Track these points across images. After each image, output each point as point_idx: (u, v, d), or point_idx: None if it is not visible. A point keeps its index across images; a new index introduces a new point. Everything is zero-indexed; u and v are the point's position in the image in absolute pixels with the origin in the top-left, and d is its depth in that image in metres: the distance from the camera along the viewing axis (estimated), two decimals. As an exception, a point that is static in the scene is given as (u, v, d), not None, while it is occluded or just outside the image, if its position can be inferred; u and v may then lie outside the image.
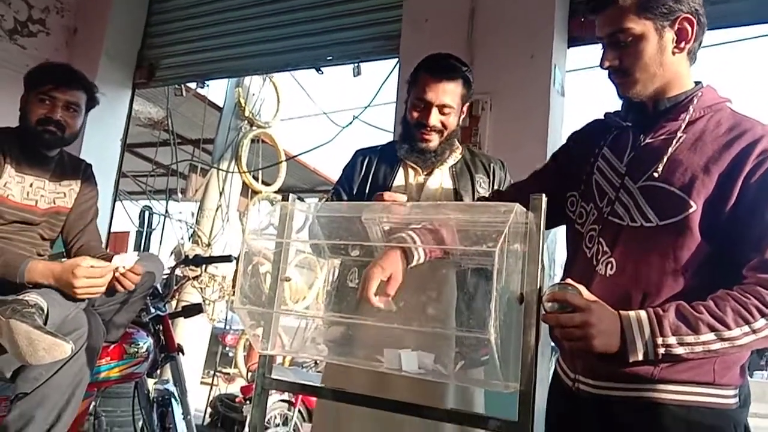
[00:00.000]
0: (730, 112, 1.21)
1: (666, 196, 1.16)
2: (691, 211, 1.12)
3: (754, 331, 1.04)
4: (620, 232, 1.21)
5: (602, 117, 1.37)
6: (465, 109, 1.77)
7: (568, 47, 2.65)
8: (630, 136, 1.27)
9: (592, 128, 1.40)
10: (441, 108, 1.69)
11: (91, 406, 2.28)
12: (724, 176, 1.12)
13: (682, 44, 1.19)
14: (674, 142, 1.18)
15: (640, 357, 1.06)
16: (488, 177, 1.75)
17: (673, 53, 1.19)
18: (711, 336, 1.04)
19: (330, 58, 3.31)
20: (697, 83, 1.25)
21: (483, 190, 1.73)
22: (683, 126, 1.19)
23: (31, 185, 1.97)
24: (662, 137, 1.21)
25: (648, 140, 1.23)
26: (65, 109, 1.96)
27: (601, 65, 1.24)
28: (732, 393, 1.14)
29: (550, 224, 1.42)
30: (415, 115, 1.71)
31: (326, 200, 1.92)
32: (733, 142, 1.14)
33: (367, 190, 1.74)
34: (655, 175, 1.18)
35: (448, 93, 1.68)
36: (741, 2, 2.31)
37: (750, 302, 1.04)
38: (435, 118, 1.69)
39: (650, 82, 1.20)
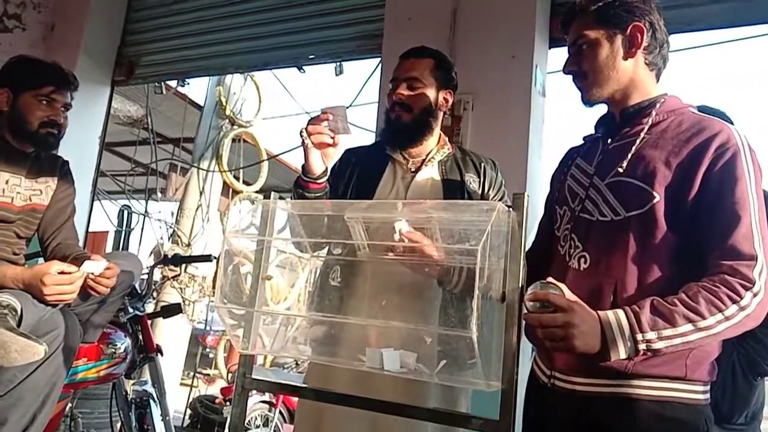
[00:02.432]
0: (691, 114, 1.26)
1: (631, 189, 1.21)
2: (654, 201, 1.18)
3: (727, 318, 1.07)
4: (591, 227, 1.26)
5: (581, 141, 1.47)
6: (447, 96, 1.76)
7: (550, 48, 2.67)
8: (600, 143, 1.36)
9: (567, 152, 1.49)
10: (408, 82, 1.71)
11: (67, 408, 2.25)
12: (684, 167, 1.17)
13: (633, 50, 1.28)
14: (638, 141, 1.25)
15: (623, 355, 1.08)
16: (479, 176, 1.74)
17: (625, 58, 1.28)
18: (688, 327, 1.07)
19: (312, 56, 3.29)
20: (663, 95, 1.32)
21: (473, 189, 1.71)
22: (646, 128, 1.26)
23: (6, 182, 1.92)
24: (627, 139, 1.28)
25: (614, 143, 1.31)
26: (63, 111, 1.98)
27: (563, 70, 1.35)
28: (702, 389, 1.18)
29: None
30: (389, 98, 1.74)
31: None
32: (692, 138, 1.19)
33: (355, 189, 1.72)
34: (620, 170, 1.24)
35: (416, 67, 1.71)
36: (703, 6, 2.32)
37: (720, 291, 1.08)
38: (402, 90, 1.71)
39: (606, 84, 1.30)
